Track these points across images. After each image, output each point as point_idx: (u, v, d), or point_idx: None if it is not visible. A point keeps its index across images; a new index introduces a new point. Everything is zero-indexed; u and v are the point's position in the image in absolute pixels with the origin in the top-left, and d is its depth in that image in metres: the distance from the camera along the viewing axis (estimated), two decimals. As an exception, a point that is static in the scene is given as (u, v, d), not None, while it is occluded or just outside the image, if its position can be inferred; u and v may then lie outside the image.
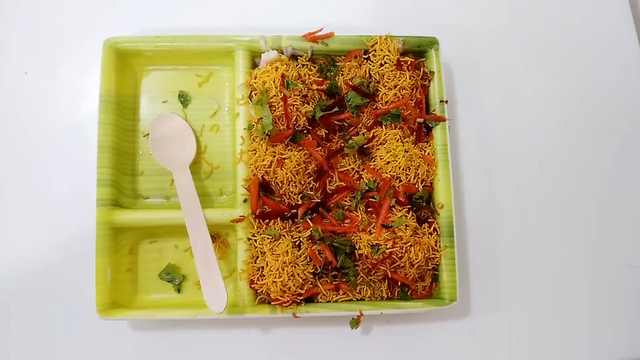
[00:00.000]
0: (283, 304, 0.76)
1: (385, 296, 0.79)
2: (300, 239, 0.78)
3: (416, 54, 0.86)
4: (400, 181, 0.80)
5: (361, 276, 0.78)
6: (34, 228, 0.83)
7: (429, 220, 0.81)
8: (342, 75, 0.83)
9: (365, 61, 0.84)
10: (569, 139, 0.92)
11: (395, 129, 0.81)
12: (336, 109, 0.81)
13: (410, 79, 0.82)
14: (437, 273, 0.81)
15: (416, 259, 0.76)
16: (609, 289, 0.87)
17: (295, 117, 0.79)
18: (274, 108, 0.78)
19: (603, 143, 0.93)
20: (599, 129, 0.93)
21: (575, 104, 0.94)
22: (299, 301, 0.76)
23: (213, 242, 0.77)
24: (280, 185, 0.78)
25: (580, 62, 0.96)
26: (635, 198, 0.91)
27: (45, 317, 0.81)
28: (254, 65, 0.84)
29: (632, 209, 0.91)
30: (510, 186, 0.90)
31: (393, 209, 0.79)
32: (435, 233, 0.80)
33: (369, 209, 0.80)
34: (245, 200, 0.79)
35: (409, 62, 0.83)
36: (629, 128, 0.94)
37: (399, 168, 0.79)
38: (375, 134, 0.82)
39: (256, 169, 0.79)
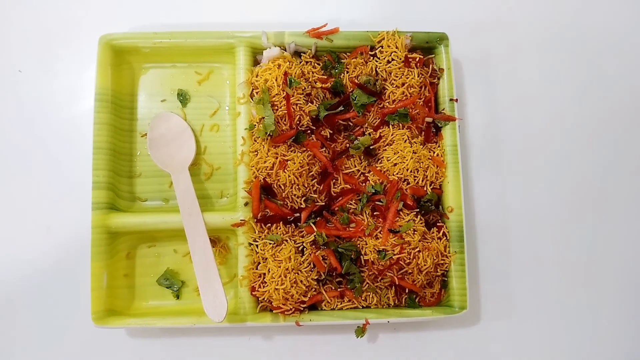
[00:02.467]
0: (286, 312, 0.74)
1: (392, 304, 0.78)
2: (304, 244, 0.76)
3: (425, 50, 0.83)
4: (408, 183, 0.78)
5: (367, 283, 0.77)
6: (28, 231, 0.82)
7: (438, 224, 0.79)
8: (347, 72, 0.81)
9: (371, 58, 0.82)
10: (585, 138, 0.90)
11: (402, 128, 0.79)
12: (341, 108, 0.79)
13: (418, 76, 0.80)
14: (446, 279, 0.79)
15: (425, 265, 0.75)
16: (624, 295, 0.85)
17: (298, 116, 0.77)
18: (276, 107, 0.76)
19: (621, 143, 0.90)
20: (617, 127, 0.90)
21: (591, 102, 0.91)
22: (302, 309, 0.75)
23: (213, 247, 0.76)
24: (283, 188, 0.76)
25: (595, 57, 0.92)
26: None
27: (38, 325, 0.80)
28: (256, 62, 0.82)
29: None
30: (522, 189, 0.88)
31: (400, 212, 0.76)
32: (445, 238, 0.78)
33: (375, 213, 0.77)
34: (246, 204, 0.77)
35: (417, 59, 0.81)
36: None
37: (407, 170, 0.77)
38: (382, 134, 0.80)
39: (258, 170, 0.77)
